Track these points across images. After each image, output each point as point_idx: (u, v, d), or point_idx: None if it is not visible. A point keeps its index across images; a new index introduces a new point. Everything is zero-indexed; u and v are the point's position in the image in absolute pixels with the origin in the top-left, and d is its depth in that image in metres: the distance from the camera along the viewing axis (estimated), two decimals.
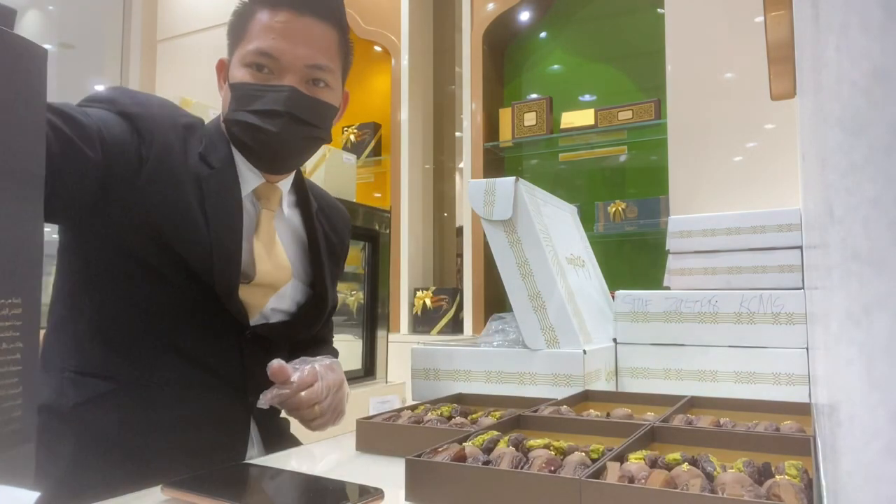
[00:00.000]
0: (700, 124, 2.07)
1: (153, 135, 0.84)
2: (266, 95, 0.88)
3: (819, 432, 0.58)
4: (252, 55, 0.89)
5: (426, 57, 3.09)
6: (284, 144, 0.90)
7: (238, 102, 0.89)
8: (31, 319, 0.33)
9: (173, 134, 0.87)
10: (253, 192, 0.94)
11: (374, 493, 0.54)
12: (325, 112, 0.94)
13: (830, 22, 0.23)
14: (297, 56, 0.89)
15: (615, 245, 2.67)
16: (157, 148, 0.84)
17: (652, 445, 0.63)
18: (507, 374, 0.95)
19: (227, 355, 0.90)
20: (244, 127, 0.89)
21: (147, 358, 0.86)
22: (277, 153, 0.92)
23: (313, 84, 0.92)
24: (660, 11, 2.40)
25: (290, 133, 0.89)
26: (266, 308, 0.94)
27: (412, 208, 2.89)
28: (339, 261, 1.12)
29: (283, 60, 0.89)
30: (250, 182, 0.93)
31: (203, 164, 0.89)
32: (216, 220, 0.87)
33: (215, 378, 0.90)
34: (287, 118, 0.88)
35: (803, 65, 0.56)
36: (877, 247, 0.15)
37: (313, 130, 0.92)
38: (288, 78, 0.89)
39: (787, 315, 0.97)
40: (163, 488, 0.57)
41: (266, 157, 0.92)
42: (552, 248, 1.01)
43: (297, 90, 0.89)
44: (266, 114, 0.88)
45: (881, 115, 0.15)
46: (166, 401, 0.86)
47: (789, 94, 1.18)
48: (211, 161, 0.89)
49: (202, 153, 0.89)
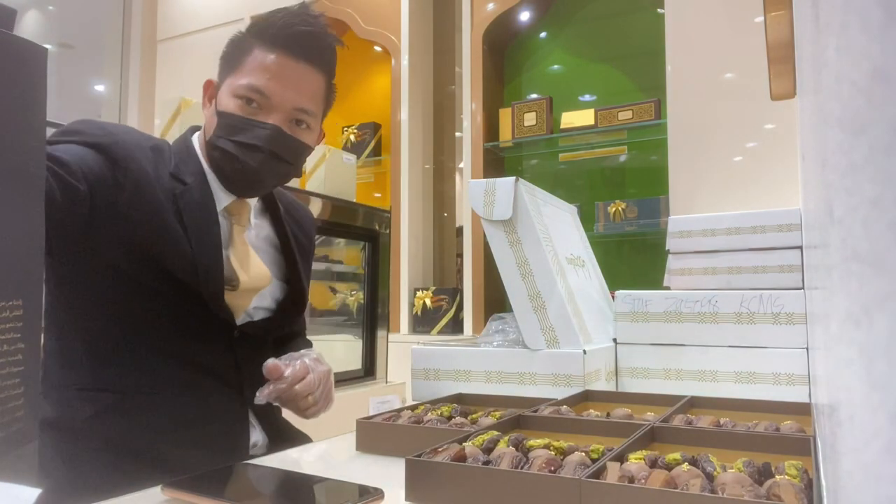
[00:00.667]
0: (700, 124, 2.07)
1: (127, 161, 0.89)
2: (251, 130, 0.94)
3: (819, 432, 0.58)
4: (244, 89, 0.94)
5: (426, 57, 3.09)
6: (258, 178, 0.96)
7: (223, 130, 0.95)
8: (32, 321, 0.33)
9: (144, 157, 0.92)
10: (225, 208, 0.99)
11: (374, 493, 0.54)
12: (302, 151, 1.00)
13: (830, 22, 0.23)
14: (286, 98, 0.94)
15: (615, 245, 2.67)
16: (132, 173, 0.89)
17: (652, 445, 0.63)
18: (507, 374, 0.95)
19: (220, 355, 0.96)
20: (225, 154, 0.95)
21: (146, 367, 0.92)
22: (251, 184, 0.98)
23: (296, 124, 0.97)
24: (660, 11, 2.40)
25: (266, 168, 0.95)
26: (249, 308, 1.00)
27: (412, 208, 2.89)
28: (309, 256, 1.18)
29: (272, 100, 0.94)
30: (222, 200, 0.99)
31: (175, 181, 0.94)
32: (195, 232, 0.93)
33: (211, 377, 0.95)
34: (266, 155, 0.94)
35: (803, 65, 0.56)
36: (877, 247, 0.15)
37: (287, 168, 0.98)
38: (273, 116, 0.95)
39: (787, 315, 0.97)
40: (163, 488, 0.57)
41: (239, 185, 0.98)
42: (552, 248, 1.01)
43: (281, 130, 0.95)
44: (248, 147, 0.94)
45: (881, 115, 0.15)
46: (169, 404, 0.92)
47: (789, 94, 1.18)
48: (183, 177, 0.95)
49: (173, 172, 0.94)
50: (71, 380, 0.91)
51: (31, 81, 0.33)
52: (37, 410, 0.34)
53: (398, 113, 2.92)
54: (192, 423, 0.93)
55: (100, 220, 0.86)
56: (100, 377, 0.91)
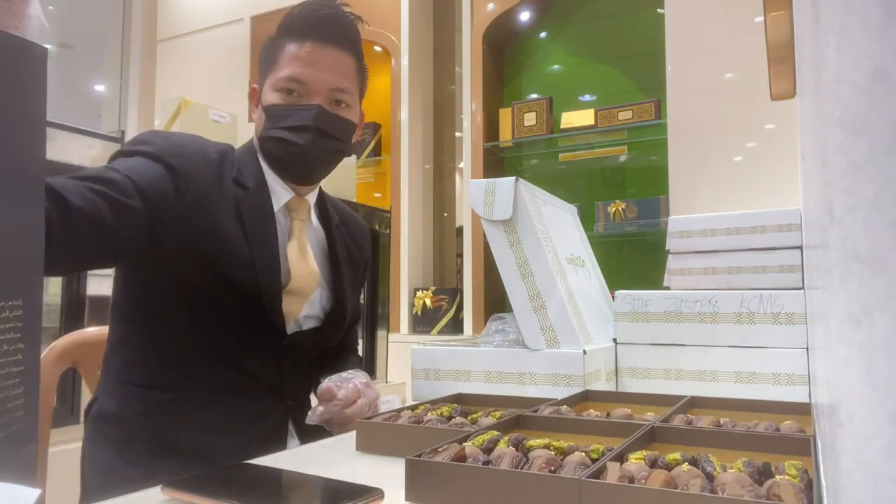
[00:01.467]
0: (700, 124, 2.07)
1: (188, 170, 0.94)
2: (296, 114, 1.00)
3: (819, 432, 0.58)
4: (283, 81, 1.00)
5: (426, 57, 3.09)
6: (312, 156, 1.02)
7: (271, 121, 1.01)
8: (32, 321, 0.33)
9: (205, 164, 0.97)
10: (285, 205, 1.05)
11: (374, 493, 0.54)
12: (346, 128, 1.06)
13: (830, 22, 0.23)
14: (322, 80, 1.01)
15: (615, 245, 2.67)
16: (193, 181, 0.94)
17: (652, 445, 0.63)
18: (507, 374, 0.95)
19: (268, 363, 1.01)
20: (277, 142, 1.01)
21: (198, 370, 0.97)
22: (306, 165, 1.03)
23: (336, 105, 1.04)
24: (660, 11, 2.40)
25: (317, 146, 1.01)
26: (300, 316, 1.04)
27: (412, 208, 2.89)
28: (359, 270, 1.22)
29: (310, 85, 1.00)
30: (282, 197, 1.04)
31: (237, 186, 0.99)
32: (255, 237, 0.98)
33: (257, 383, 1.00)
34: (315, 132, 1.00)
35: (803, 65, 0.56)
36: (877, 247, 0.15)
37: (337, 144, 1.04)
38: (315, 99, 1.01)
39: (787, 315, 0.97)
40: (163, 488, 0.57)
41: (295, 169, 1.04)
42: (552, 248, 1.01)
43: (323, 108, 1.01)
44: (296, 129, 1.00)
45: (881, 115, 0.15)
46: (215, 406, 0.96)
47: (789, 94, 1.18)
48: (245, 182, 1.00)
49: (236, 177, 1.00)
50: (128, 377, 0.96)
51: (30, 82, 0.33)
52: (36, 410, 0.34)
53: (398, 113, 2.92)
54: (236, 426, 0.97)
55: (163, 229, 0.90)
56: (156, 378, 0.96)
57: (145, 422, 0.94)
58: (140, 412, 0.94)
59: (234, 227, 0.96)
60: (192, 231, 0.93)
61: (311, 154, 1.01)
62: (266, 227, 1.00)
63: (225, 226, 0.95)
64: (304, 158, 1.02)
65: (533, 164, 2.93)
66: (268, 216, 1.01)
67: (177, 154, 0.94)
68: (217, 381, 0.97)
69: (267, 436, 0.99)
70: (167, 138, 0.97)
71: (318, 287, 1.07)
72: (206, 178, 0.95)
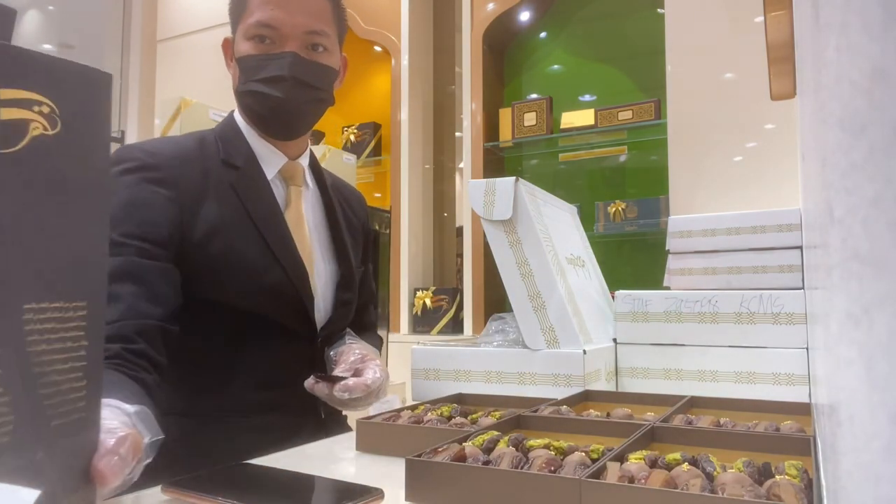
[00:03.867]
0: (700, 124, 2.07)
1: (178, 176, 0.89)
2: (270, 64, 0.94)
3: (819, 432, 0.58)
4: (254, 28, 0.94)
5: (426, 57, 3.08)
6: (291, 108, 0.96)
7: (245, 74, 0.95)
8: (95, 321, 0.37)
9: (188, 164, 0.92)
10: (279, 172, 1.00)
11: (374, 493, 0.54)
12: (326, 74, 0.99)
13: (830, 22, 0.23)
14: (296, 24, 0.94)
15: (615, 245, 2.67)
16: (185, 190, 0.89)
17: (652, 445, 0.63)
18: (507, 374, 0.95)
19: (301, 371, 0.94)
20: (253, 96, 0.95)
21: (229, 390, 0.92)
22: (286, 117, 0.97)
23: (312, 49, 0.96)
24: (660, 11, 2.40)
25: (295, 97, 0.95)
26: (319, 299, 0.99)
27: (412, 208, 2.89)
28: (358, 237, 1.15)
29: (282, 30, 0.94)
30: (275, 164, 0.99)
31: (227, 167, 0.94)
32: (259, 216, 0.93)
33: (292, 397, 0.94)
34: (291, 82, 0.94)
35: (803, 65, 0.56)
36: (877, 247, 0.15)
37: (317, 93, 0.97)
38: (289, 45, 0.94)
39: (787, 315, 0.97)
40: (163, 488, 0.57)
41: (276, 123, 0.98)
42: (552, 248, 1.01)
43: (298, 55, 0.94)
44: (271, 80, 0.93)
45: (881, 115, 0.15)
46: (247, 429, 0.92)
47: (789, 94, 1.18)
48: (234, 161, 0.95)
49: (223, 158, 0.95)
50: None
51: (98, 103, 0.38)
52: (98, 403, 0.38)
53: (398, 113, 2.92)
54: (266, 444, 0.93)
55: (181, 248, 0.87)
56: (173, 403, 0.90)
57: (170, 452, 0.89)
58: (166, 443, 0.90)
59: (236, 213, 0.92)
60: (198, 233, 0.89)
61: (290, 106, 0.95)
62: (269, 207, 0.95)
63: (227, 216, 0.91)
64: (282, 111, 0.96)
65: (533, 164, 2.93)
66: (265, 190, 0.96)
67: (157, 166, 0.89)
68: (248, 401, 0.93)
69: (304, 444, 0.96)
70: (140, 149, 0.91)
71: (317, 260, 1.02)
72: (193, 178, 0.91)
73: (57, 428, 0.35)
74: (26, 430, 0.33)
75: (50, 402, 0.35)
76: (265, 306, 0.93)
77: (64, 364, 0.36)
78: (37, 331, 0.34)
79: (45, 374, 0.35)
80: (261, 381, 0.94)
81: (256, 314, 0.93)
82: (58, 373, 0.35)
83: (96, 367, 0.38)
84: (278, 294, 0.93)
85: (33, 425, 0.34)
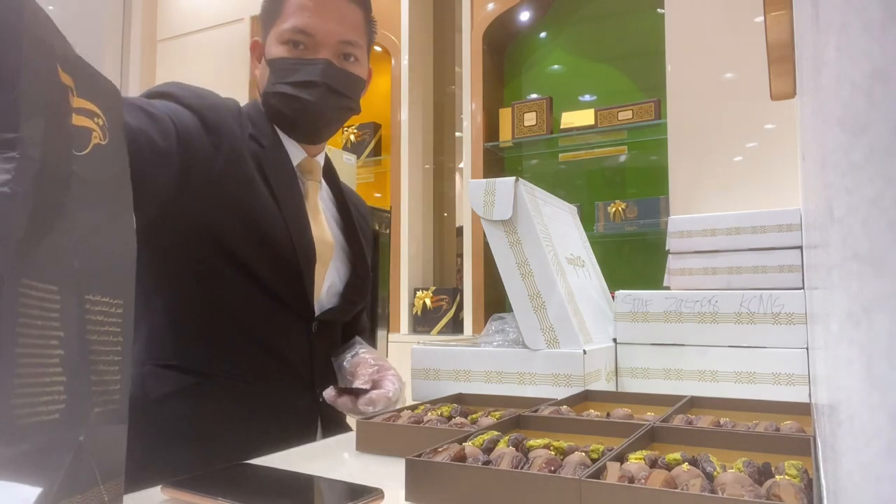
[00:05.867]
0: (700, 124, 2.07)
1: (220, 124, 0.89)
2: (303, 68, 0.95)
3: (819, 432, 0.58)
4: (288, 33, 0.95)
5: (426, 57, 3.08)
6: (320, 113, 0.97)
7: (276, 76, 0.96)
8: (128, 317, 0.40)
9: (233, 120, 0.92)
10: (297, 165, 1.00)
11: (374, 493, 0.54)
12: (356, 84, 1.01)
13: (830, 22, 0.23)
14: (330, 32, 0.96)
15: (615, 245, 2.67)
16: (225, 135, 0.89)
17: (652, 445, 0.63)
18: (507, 374, 0.95)
19: (299, 346, 0.95)
20: (283, 98, 0.96)
21: (226, 347, 0.90)
22: (314, 122, 0.98)
23: (344, 59, 0.99)
24: (660, 11, 2.40)
25: (325, 102, 0.96)
26: (323, 291, 0.99)
27: (412, 208, 2.89)
28: (368, 241, 1.16)
29: (317, 36, 0.95)
30: (295, 157, 1.00)
31: (255, 143, 0.95)
32: (282, 195, 0.93)
33: (288, 369, 0.94)
34: (323, 88, 0.95)
35: (803, 65, 0.56)
36: (877, 247, 0.15)
37: (346, 101, 1.00)
38: (322, 52, 0.96)
39: (787, 315, 0.97)
40: (163, 488, 0.57)
41: (303, 126, 0.99)
42: (552, 248, 1.01)
43: (332, 63, 0.96)
44: (303, 84, 0.95)
45: (881, 115, 0.15)
46: (242, 392, 0.90)
47: (789, 94, 1.18)
48: (261, 140, 0.95)
49: (252, 133, 0.95)
50: (151, 354, 0.89)
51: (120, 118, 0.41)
52: (127, 397, 0.40)
53: (398, 113, 2.92)
54: (266, 413, 0.91)
55: (195, 183, 0.84)
56: (182, 355, 0.89)
57: (165, 407, 0.86)
58: (160, 397, 0.87)
59: (260, 182, 0.91)
60: (225, 187, 0.87)
61: (320, 111, 0.96)
62: (291, 185, 0.95)
63: (253, 181, 0.90)
64: (311, 115, 0.97)
65: (533, 164, 2.93)
66: (290, 174, 0.96)
67: (204, 106, 0.89)
68: (249, 363, 0.91)
69: (297, 425, 0.93)
70: (189, 90, 0.91)
71: (335, 257, 1.02)
72: (233, 131, 0.91)
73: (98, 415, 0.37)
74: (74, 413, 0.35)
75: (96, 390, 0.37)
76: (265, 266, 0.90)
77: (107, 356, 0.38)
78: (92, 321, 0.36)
79: (94, 363, 0.37)
80: (258, 347, 0.92)
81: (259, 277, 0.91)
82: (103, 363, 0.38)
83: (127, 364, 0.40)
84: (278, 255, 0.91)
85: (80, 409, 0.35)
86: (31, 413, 0.32)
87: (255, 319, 0.92)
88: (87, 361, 0.36)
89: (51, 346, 0.33)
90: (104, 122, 0.38)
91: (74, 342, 0.35)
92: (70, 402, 0.34)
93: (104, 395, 0.38)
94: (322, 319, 0.99)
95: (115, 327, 0.39)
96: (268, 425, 0.90)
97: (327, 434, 0.98)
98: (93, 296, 0.36)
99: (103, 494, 0.37)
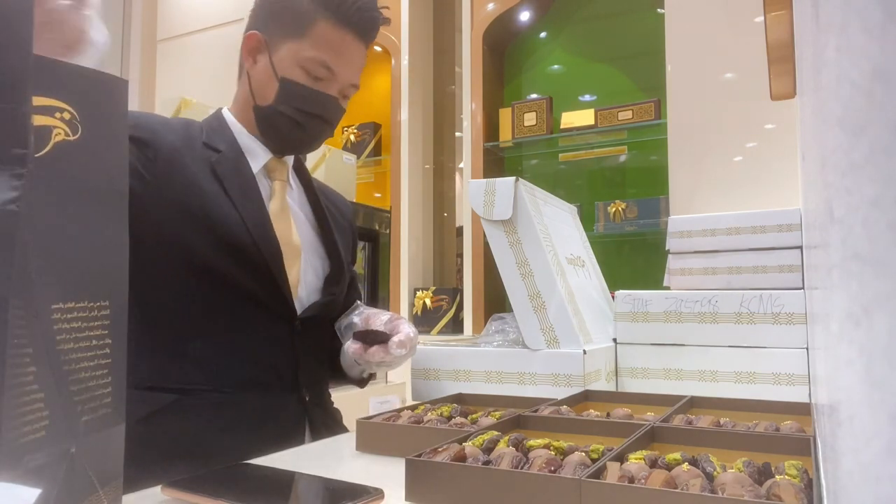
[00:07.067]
0: (700, 124, 2.07)
1: (154, 138, 0.91)
2: (315, 99, 1.00)
3: (819, 432, 0.58)
4: (313, 63, 0.98)
5: (426, 57, 3.08)
6: (312, 140, 1.04)
7: (289, 97, 0.99)
8: (118, 319, 0.39)
9: (169, 131, 0.95)
10: (264, 166, 1.03)
11: (374, 493, 0.54)
12: (341, 118, 1.07)
13: (830, 22, 0.23)
14: (347, 76, 1.02)
15: (615, 245, 2.67)
16: (161, 149, 0.91)
17: (652, 445, 0.63)
18: (507, 374, 0.95)
19: (280, 351, 0.96)
20: (288, 120, 1.00)
21: (200, 363, 0.90)
22: (302, 146, 1.05)
23: (343, 98, 1.05)
24: (660, 11, 2.40)
25: (319, 132, 1.03)
26: (301, 289, 1.00)
27: (412, 208, 2.89)
28: (347, 235, 1.17)
29: (337, 77, 1.00)
30: (260, 158, 1.02)
31: (209, 150, 0.97)
32: (237, 194, 0.95)
33: (271, 375, 0.95)
34: (322, 121, 1.02)
35: (803, 65, 0.56)
36: (877, 247, 0.15)
37: (330, 130, 1.06)
38: (332, 89, 1.01)
39: (787, 315, 0.97)
40: (163, 488, 0.57)
41: (289, 146, 1.04)
42: (552, 248, 1.01)
43: (337, 101, 1.03)
44: (310, 115, 1.00)
45: (881, 115, 0.15)
46: (226, 404, 0.90)
47: (789, 94, 1.18)
48: (216, 146, 0.98)
49: (206, 141, 0.97)
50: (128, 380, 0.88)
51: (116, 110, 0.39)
52: (123, 398, 0.40)
53: (398, 113, 2.92)
54: (250, 424, 0.90)
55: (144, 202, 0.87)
56: (157, 376, 0.89)
57: (149, 427, 0.86)
58: (142, 417, 0.86)
59: (213, 187, 0.93)
60: (170, 195, 0.89)
61: (312, 138, 1.03)
62: (247, 185, 0.97)
63: (202, 184, 0.92)
64: (304, 141, 1.03)
65: (533, 164, 2.93)
66: (247, 175, 0.98)
67: (135, 126, 0.90)
68: (229, 374, 0.91)
69: (284, 432, 0.93)
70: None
71: (309, 254, 1.03)
72: (169, 142, 0.92)
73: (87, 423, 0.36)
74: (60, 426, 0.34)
75: (80, 399, 0.36)
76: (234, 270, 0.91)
77: (91, 362, 0.37)
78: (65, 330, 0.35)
79: (74, 372, 0.36)
80: (239, 357, 0.92)
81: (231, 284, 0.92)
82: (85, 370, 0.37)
83: (120, 364, 0.39)
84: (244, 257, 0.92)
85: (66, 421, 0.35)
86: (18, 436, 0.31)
87: (232, 328, 0.92)
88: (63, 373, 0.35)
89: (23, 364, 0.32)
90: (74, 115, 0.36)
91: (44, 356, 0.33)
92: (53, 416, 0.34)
93: (91, 402, 0.37)
94: (305, 317, 0.99)
95: (101, 329, 0.38)
96: (251, 434, 0.89)
97: (315, 437, 0.97)
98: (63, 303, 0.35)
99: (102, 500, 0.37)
